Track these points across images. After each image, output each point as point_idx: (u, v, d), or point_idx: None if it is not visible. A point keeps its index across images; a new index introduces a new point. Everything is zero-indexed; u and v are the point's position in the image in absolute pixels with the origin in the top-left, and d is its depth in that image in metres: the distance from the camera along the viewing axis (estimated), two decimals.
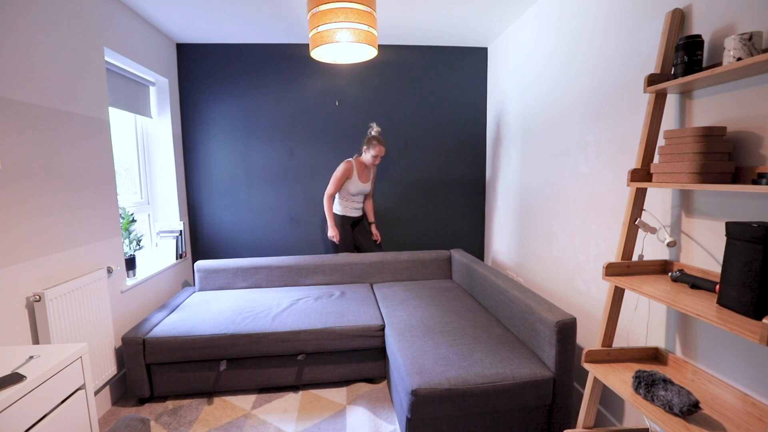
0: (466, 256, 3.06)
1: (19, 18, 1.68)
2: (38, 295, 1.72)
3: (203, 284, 3.08)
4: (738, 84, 1.28)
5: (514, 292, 2.19)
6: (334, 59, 2.29)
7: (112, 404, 2.28)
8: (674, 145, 1.34)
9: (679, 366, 1.49)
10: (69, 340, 1.87)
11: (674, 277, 1.42)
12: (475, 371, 1.79)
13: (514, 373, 1.80)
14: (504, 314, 2.29)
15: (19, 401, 1.22)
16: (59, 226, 1.90)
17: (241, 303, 2.69)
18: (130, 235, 2.57)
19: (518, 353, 1.95)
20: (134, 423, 1.15)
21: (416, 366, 1.86)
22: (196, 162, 3.32)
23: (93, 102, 2.15)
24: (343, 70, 3.32)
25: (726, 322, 1.07)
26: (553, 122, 2.39)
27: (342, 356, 2.40)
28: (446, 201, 3.55)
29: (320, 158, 3.40)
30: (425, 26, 2.93)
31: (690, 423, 1.20)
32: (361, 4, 1.89)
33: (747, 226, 1.10)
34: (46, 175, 1.83)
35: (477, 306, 2.58)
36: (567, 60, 2.22)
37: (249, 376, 2.33)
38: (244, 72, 3.25)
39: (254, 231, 3.42)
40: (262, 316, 2.47)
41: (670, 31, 1.45)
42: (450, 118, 3.46)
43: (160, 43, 2.93)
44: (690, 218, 1.47)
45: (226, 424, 2.08)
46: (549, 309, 1.90)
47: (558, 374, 1.82)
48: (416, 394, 1.71)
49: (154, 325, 2.37)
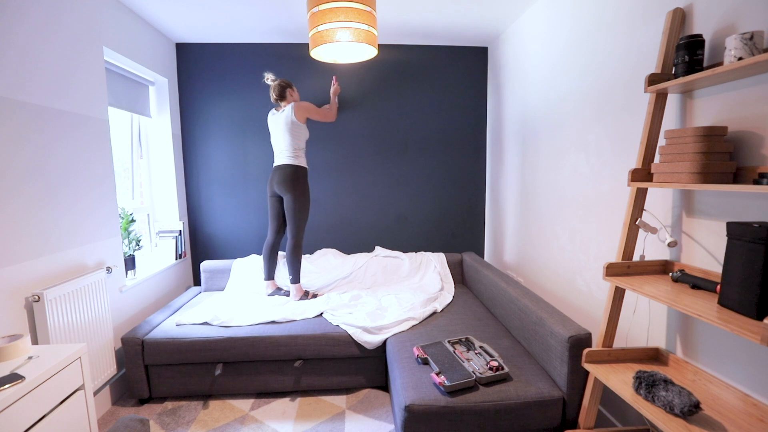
0: (477, 260, 3.00)
1: (18, 18, 1.68)
2: (37, 295, 1.72)
3: (209, 284, 3.08)
4: (739, 84, 1.27)
5: (525, 301, 2.07)
6: (334, 59, 2.28)
7: (112, 404, 2.28)
8: (675, 145, 1.33)
9: (680, 366, 1.49)
10: (68, 340, 1.87)
11: (675, 278, 1.41)
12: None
13: (519, 391, 1.67)
14: (514, 324, 2.19)
15: (19, 401, 1.22)
16: (58, 225, 1.90)
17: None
18: (129, 235, 2.57)
19: (526, 369, 1.83)
20: (133, 423, 1.14)
21: (412, 380, 1.76)
22: (195, 162, 3.31)
23: (92, 101, 2.15)
24: (343, 69, 3.32)
25: (727, 322, 1.07)
26: (553, 122, 2.39)
27: (341, 363, 2.35)
28: (446, 201, 3.55)
29: (320, 158, 3.39)
30: (425, 26, 2.93)
31: (691, 424, 1.20)
32: (361, 4, 1.88)
33: (748, 226, 1.09)
34: (45, 175, 1.82)
35: (486, 314, 2.51)
36: (567, 59, 2.21)
37: (247, 380, 2.31)
38: (244, 71, 3.25)
39: (254, 231, 3.42)
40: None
41: (671, 30, 1.45)
42: (450, 118, 3.46)
43: (159, 43, 2.92)
44: (691, 218, 1.47)
45: (224, 425, 2.08)
46: (561, 322, 1.77)
47: (569, 394, 1.67)
48: (410, 411, 1.61)
49: (155, 326, 2.36)
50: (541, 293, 2.58)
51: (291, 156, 2.75)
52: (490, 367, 1.79)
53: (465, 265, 3.14)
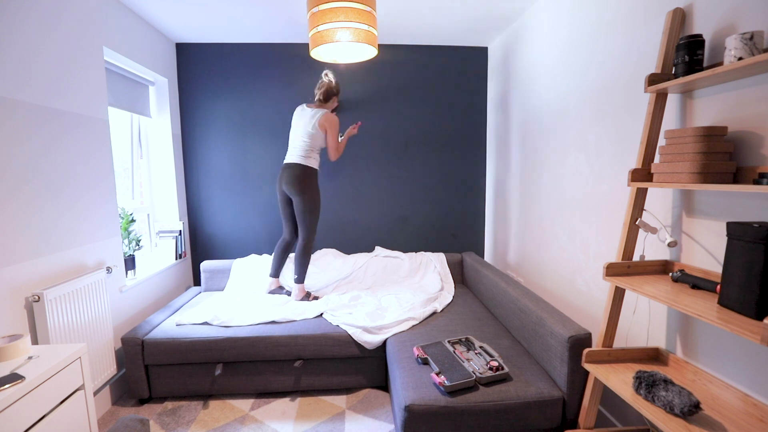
0: (477, 260, 3.00)
1: (18, 17, 1.68)
2: (37, 295, 1.72)
3: (209, 284, 3.08)
4: (739, 84, 1.27)
5: (525, 301, 2.07)
6: (334, 59, 2.28)
7: (112, 404, 2.28)
8: (675, 145, 1.33)
9: (680, 366, 1.49)
10: (68, 340, 1.87)
11: (675, 278, 1.41)
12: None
13: (519, 391, 1.67)
14: (514, 324, 2.19)
15: (19, 401, 1.22)
16: (58, 225, 1.90)
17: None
18: (129, 235, 2.57)
19: (526, 369, 1.83)
20: (134, 423, 1.14)
21: (412, 380, 1.76)
22: (195, 162, 3.31)
23: (92, 101, 2.15)
24: (343, 69, 3.32)
25: (727, 322, 1.07)
26: (553, 122, 2.39)
27: (341, 363, 2.35)
28: (446, 201, 3.55)
29: (320, 158, 3.39)
30: (425, 26, 2.92)
31: (691, 424, 1.20)
32: (361, 4, 1.88)
33: (748, 226, 1.09)
34: (45, 175, 1.82)
35: (486, 314, 2.51)
36: (567, 59, 2.21)
37: (247, 380, 2.31)
38: (244, 71, 3.25)
39: (254, 231, 3.42)
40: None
41: (671, 30, 1.45)
42: (450, 118, 3.46)
43: (159, 43, 2.92)
44: (691, 218, 1.47)
45: (225, 425, 2.08)
46: (561, 322, 1.77)
47: (569, 394, 1.68)
48: (410, 411, 1.61)
49: (155, 326, 2.36)
50: (541, 293, 2.58)
51: (302, 155, 2.69)
52: (490, 367, 1.79)
53: (465, 265, 3.14)
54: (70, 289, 1.88)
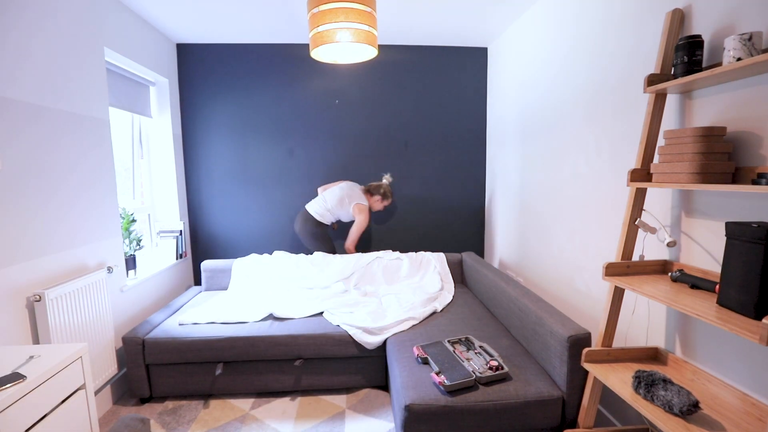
0: (477, 260, 2.99)
1: (19, 17, 1.68)
2: (38, 294, 1.72)
3: (209, 284, 3.08)
4: (738, 84, 1.28)
5: (525, 301, 2.07)
6: (334, 59, 2.29)
7: (113, 403, 2.28)
8: (674, 145, 1.34)
9: (679, 366, 1.49)
10: (69, 339, 1.87)
11: (674, 277, 1.42)
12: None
13: (518, 390, 1.68)
14: (514, 324, 2.19)
15: (20, 401, 1.22)
16: (59, 225, 1.90)
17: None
18: (130, 235, 2.57)
19: (525, 368, 1.84)
20: (134, 423, 1.15)
21: (412, 379, 1.76)
22: (196, 162, 3.32)
23: (93, 102, 2.16)
24: (343, 70, 3.32)
25: (726, 322, 1.07)
26: (553, 122, 2.39)
27: (341, 363, 2.35)
28: (446, 201, 3.55)
29: (320, 158, 3.40)
30: (425, 26, 2.93)
31: (690, 423, 1.20)
32: (361, 4, 1.89)
33: (747, 226, 1.10)
34: (46, 175, 1.83)
35: (486, 314, 2.51)
36: (567, 60, 2.22)
37: (247, 380, 2.31)
38: (244, 72, 3.25)
39: (254, 231, 3.42)
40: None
41: (670, 31, 1.45)
42: (450, 118, 3.46)
43: (159, 43, 2.93)
44: (690, 218, 1.47)
45: (225, 425, 2.09)
46: (561, 321, 1.77)
47: (569, 394, 1.68)
48: (410, 410, 1.61)
49: (155, 326, 2.37)
50: (540, 293, 2.59)
51: (318, 213, 3.08)
52: (489, 366, 1.80)
53: (465, 265, 3.14)
54: (71, 289, 1.88)
